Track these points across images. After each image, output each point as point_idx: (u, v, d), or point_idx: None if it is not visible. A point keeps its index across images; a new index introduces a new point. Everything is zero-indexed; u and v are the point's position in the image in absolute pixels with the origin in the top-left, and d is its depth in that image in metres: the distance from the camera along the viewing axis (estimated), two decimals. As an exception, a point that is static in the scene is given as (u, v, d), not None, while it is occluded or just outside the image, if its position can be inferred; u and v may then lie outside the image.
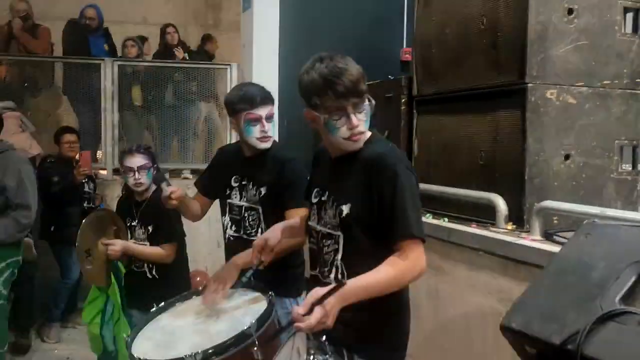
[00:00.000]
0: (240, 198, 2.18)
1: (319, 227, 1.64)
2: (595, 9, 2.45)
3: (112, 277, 2.70)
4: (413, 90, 3.11)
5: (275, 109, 2.24)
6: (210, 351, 1.54)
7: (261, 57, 5.08)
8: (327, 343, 1.49)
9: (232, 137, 5.07)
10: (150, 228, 2.66)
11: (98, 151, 5.50)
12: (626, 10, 2.51)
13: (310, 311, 1.31)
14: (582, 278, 1.19)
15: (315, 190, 1.68)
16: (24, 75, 5.40)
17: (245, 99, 2.11)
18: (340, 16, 4.90)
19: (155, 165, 2.75)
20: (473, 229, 2.48)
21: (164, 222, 2.64)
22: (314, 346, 1.48)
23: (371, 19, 4.92)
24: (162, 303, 1.95)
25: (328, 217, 1.60)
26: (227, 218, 2.23)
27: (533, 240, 2.16)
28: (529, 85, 2.33)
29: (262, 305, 1.74)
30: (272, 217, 2.09)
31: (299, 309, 1.32)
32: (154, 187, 2.72)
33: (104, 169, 5.33)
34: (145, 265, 2.65)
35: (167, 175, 5.06)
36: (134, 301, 2.68)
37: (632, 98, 2.54)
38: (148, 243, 2.66)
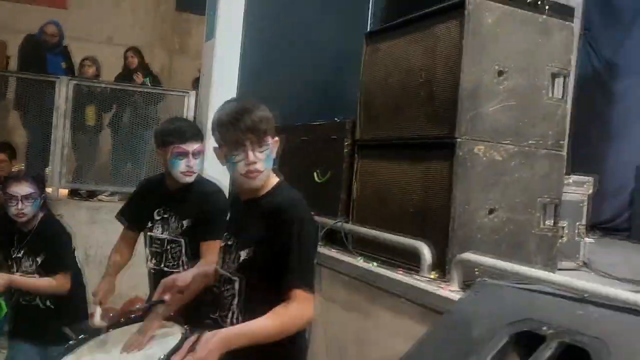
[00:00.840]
0: (162, 231, 2.20)
1: (221, 271, 1.67)
2: (524, 72, 2.59)
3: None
4: (356, 134, 3.19)
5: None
6: None
7: (219, 88, 5.12)
8: None
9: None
10: (39, 259, 2.55)
11: (46, 169, 5.41)
12: (554, 75, 2.66)
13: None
14: (463, 335, 1.24)
15: (225, 234, 1.71)
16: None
17: (176, 133, 2.15)
18: (301, 55, 5.02)
19: (44, 195, 2.63)
20: (398, 275, 2.52)
21: (54, 251, 2.56)
22: None
23: (332, 59, 5.04)
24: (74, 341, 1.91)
25: (230, 262, 1.63)
26: (147, 250, 2.23)
27: (450, 290, 2.22)
28: (458, 140, 2.42)
29: (175, 339, 1.73)
30: (195, 249, 2.10)
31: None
32: (40, 215, 2.61)
33: (50, 187, 5.22)
34: (37, 297, 2.55)
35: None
36: (26, 336, 2.58)
37: (556, 158, 2.67)
38: (37, 275, 2.54)
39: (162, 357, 1.59)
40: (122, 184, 5.42)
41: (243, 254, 1.60)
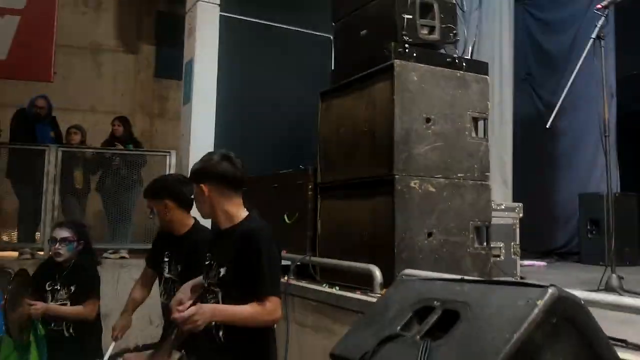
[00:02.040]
0: (168, 271, 2.61)
1: (205, 284, 2.09)
2: (449, 118, 3.12)
3: (31, 335, 2.94)
4: (317, 179, 3.68)
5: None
6: None
7: (198, 146, 5.63)
8: None
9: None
10: (72, 288, 2.97)
11: (36, 233, 5.76)
12: (475, 119, 3.21)
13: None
14: (382, 317, 1.67)
15: (208, 254, 2.14)
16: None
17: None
18: (270, 111, 5.58)
19: (82, 241, 3.04)
20: (356, 295, 2.95)
21: (86, 281, 2.97)
22: None
23: (298, 115, 5.60)
24: None
25: (211, 276, 2.05)
26: (160, 287, 2.66)
27: (396, 301, 2.64)
28: (396, 176, 2.92)
29: None
30: None
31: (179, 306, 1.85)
32: (77, 257, 3.02)
33: (42, 250, 5.55)
34: (64, 324, 2.93)
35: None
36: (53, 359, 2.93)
37: (482, 188, 3.17)
38: (69, 302, 2.94)
39: None
40: (120, 242, 5.80)
41: (222, 271, 2.01)
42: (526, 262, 4.55)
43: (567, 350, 1.34)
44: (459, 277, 1.82)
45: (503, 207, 3.60)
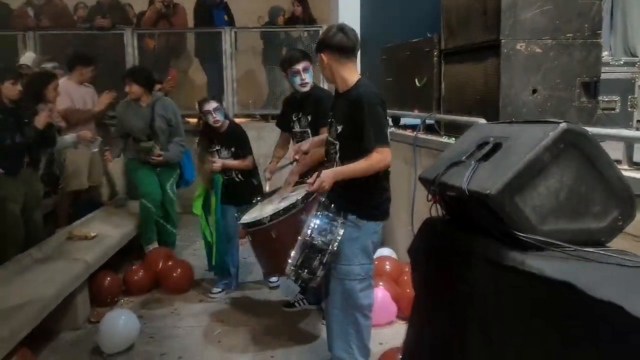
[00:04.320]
0: (300, 127, 3.52)
1: (329, 138, 2.69)
2: (560, -20, 3.32)
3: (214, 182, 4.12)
4: (442, 45, 4.14)
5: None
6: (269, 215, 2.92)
7: (345, 18, 6.29)
8: (332, 206, 2.54)
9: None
10: (232, 149, 4.04)
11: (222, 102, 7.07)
12: (589, -21, 3.34)
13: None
14: (456, 150, 2.31)
15: (330, 113, 2.73)
16: (168, 44, 7.07)
17: (287, 60, 3.43)
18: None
19: (225, 108, 4.16)
20: (466, 143, 3.54)
21: (241, 142, 4.04)
22: (322, 207, 2.54)
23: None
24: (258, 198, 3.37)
25: (332, 132, 2.63)
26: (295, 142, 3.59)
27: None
28: (502, 40, 3.31)
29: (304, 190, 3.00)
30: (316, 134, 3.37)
31: (311, 180, 2.52)
32: (227, 122, 4.06)
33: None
34: (233, 172, 4.06)
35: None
36: (229, 198, 4.06)
37: (592, 46, 3.40)
38: (232, 159, 4.03)
39: (299, 198, 2.91)
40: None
41: (339, 128, 2.53)
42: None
43: (571, 166, 1.88)
44: (509, 120, 2.36)
45: (622, 62, 3.74)
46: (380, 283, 3.76)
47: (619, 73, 3.74)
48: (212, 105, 3.97)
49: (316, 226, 2.45)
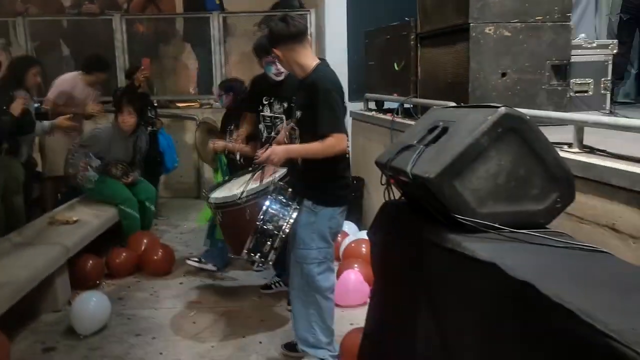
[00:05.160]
0: (270, 110, 3.51)
1: (291, 123, 2.77)
2: (527, -39, 3.31)
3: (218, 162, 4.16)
4: (417, 29, 4.15)
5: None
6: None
7: (332, 3, 6.28)
8: (289, 190, 2.63)
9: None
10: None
11: (213, 88, 7.09)
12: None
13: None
14: (410, 135, 2.34)
15: (294, 98, 2.83)
16: (157, 29, 7.08)
17: (260, 48, 3.34)
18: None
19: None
20: (437, 127, 3.56)
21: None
22: (277, 191, 2.61)
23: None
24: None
25: (294, 117, 2.71)
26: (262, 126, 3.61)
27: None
28: (471, 24, 3.31)
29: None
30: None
31: (261, 151, 2.56)
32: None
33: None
34: (237, 155, 4.01)
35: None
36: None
37: (562, 28, 3.40)
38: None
39: (277, 178, 2.94)
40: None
41: (298, 114, 2.62)
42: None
43: (510, 150, 1.91)
44: (458, 105, 2.38)
45: (595, 44, 3.73)
46: (355, 265, 3.83)
47: (593, 55, 3.74)
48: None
49: (268, 210, 2.50)
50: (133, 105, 4.60)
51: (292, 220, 2.55)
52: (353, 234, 4.53)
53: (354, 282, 3.67)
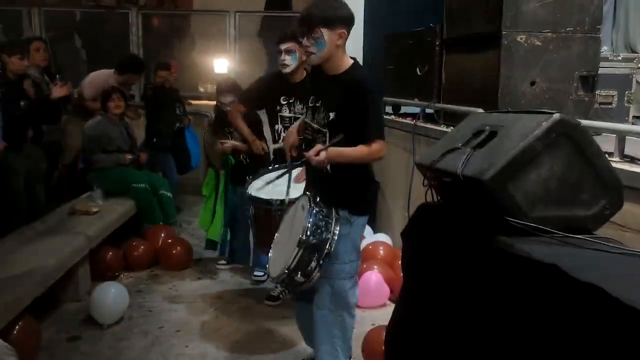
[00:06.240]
0: (290, 111, 3.49)
1: (313, 124, 2.44)
2: (562, -25, 3.36)
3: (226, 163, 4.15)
4: (444, 35, 4.18)
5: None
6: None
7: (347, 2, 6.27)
8: (319, 201, 2.37)
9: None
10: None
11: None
12: (591, -26, 3.39)
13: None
14: (453, 138, 2.37)
15: (312, 97, 2.47)
16: (172, 25, 7.10)
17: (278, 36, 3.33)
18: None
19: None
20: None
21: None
22: (312, 201, 2.35)
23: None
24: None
25: (320, 118, 2.40)
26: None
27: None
28: (503, 32, 3.36)
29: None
30: None
31: (311, 151, 2.29)
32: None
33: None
34: (241, 155, 4.02)
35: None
36: (238, 180, 3.99)
37: (591, 40, 3.45)
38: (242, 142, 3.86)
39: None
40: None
41: (331, 115, 2.30)
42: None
43: (562, 155, 1.95)
44: (507, 110, 2.42)
45: (620, 58, 3.79)
46: (375, 266, 3.85)
47: (617, 68, 3.80)
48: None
49: (310, 224, 2.24)
50: (120, 92, 4.76)
51: (336, 233, 2.31)
52: (369, 236, 4.55)
53: (375, 282, 3.70)
